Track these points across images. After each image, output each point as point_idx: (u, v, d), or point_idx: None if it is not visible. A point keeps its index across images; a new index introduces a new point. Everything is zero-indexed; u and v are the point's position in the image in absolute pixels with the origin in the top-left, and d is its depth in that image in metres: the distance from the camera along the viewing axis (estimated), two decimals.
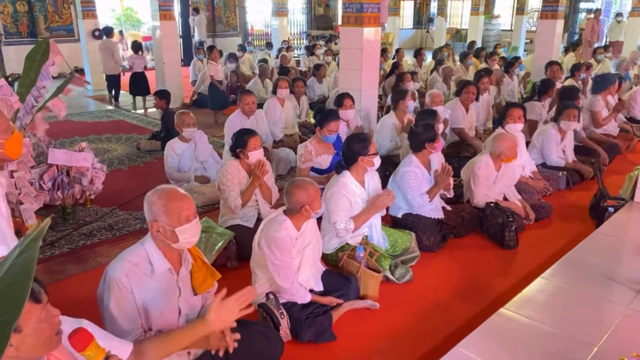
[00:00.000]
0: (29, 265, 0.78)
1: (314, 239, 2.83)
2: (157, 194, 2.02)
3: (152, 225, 1.98)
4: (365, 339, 2.66)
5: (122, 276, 1.93)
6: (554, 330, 2.41)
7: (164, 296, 2.04)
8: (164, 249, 2.03)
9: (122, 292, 1.92)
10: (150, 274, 1.99)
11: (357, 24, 5.37)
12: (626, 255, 3.25)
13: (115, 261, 2.00)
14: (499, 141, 3.86)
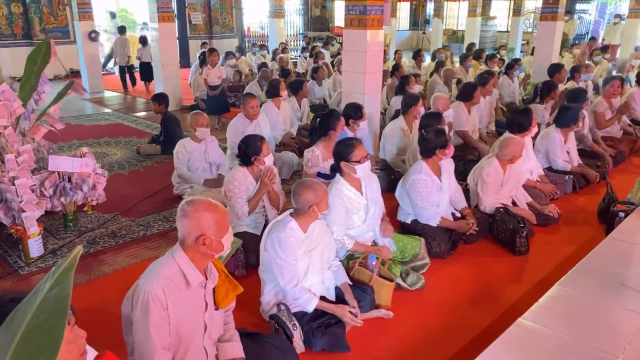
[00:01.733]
0: (63, 302, 0.72)
1: (323, 243, 2.77)
2: (203, 206, 1.96)
3: (198, 238, 1.92)
4: (380, 350, 2.60)
5: (159, 291, 1.85)
6: (575, 341, 2.36)
7: (193, 311, 1.98)
8: (197, 262, 1.97)
9: (159, 309, 1.84)
10: (184, 288, 1.93)
11: (361, 27, 5.30)
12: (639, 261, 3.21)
13: (147, 276, 1.92)
14: (511, 144, 3.83)
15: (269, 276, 2.75)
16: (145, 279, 1.91)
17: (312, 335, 2.54)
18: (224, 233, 2.00)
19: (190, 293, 1.97)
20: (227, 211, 2.07)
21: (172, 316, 1.89)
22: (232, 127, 5.06)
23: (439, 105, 5.01)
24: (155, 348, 1.85)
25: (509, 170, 3.91)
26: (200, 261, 2.00)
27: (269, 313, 2.67)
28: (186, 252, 1.97)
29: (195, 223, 1.94)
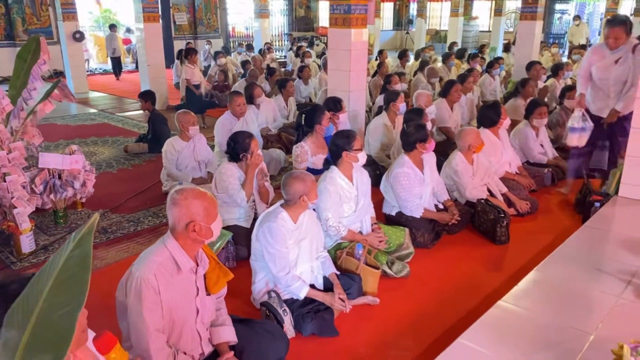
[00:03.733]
0: (86, 260, 0.81)
1: (312, 233, 2.87)
2: (192, 194, 2.05)
3: (188, 225, 2.00)
4: (367, 334, 2.71)
5: (151, 276, 1.93)
6: (552, 321, 2.49)
7: (184, 296, 2.06)
8: (187, 248, 2.05)
9: (152, 294, 1.92)
10: (175, 274, 2.01)
11: (345, 26, 5.42)
12: (614, 247, 3.36)
13: (139, 262, 2.00)
14: (465, 135, 4.03)
15: (261, 265, 2.85)
16: (137, 266, 1.99)
17: (302, 321, 2.64)
18: (213, 219, 2.09)
19: (181, 278, 2.05)
20: (215, 199, 2.16)
21: (164, 300, 1.97)
22: (219, 125, 5.14)
23: (421, 102, 5.16)
24: (150, 331, 1.93)
25: (476, 161, 4.09)
26: (191, 247, 2.09)
27: (260, 300, 2.76)
28: (177, 239, 2.05)
29: (185, 210, 2.03)
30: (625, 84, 4.16)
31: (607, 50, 4.17)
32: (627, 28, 4.06)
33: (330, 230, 3.19)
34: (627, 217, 3.81)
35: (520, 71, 8.16)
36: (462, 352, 2.27)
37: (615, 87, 4.24)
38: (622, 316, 2.50)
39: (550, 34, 17.71)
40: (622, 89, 4.21)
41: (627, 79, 4.12)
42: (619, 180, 4.08)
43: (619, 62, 4.13)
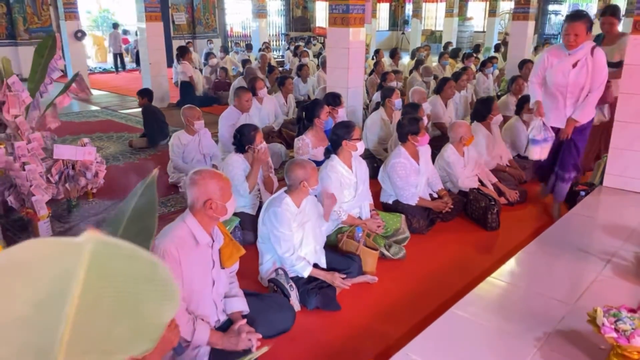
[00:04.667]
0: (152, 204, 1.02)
1: (314, 217, 3.09)
2: (209, 175, 2.29)
3: (205, 202, 2.23)
4: (367, 308, 2.92)
5: (172, 248, 2.15)
6: (536, 294, 2.72)
7: (202, 268, 2.27)
8: (204, 224, 2.27)
9: (173, 264, 2.14)
10: (194, 247, 2.23)
11: (344, 25, 5.64)
12: (596, 231, 3.60)
13: (161, 236, 2.21)
14: (456, 127, 4.25)
15: (267, 247, 3.06)
16: (160, 240, 2.21)
17: (307, 296, 2.86)
18: (228, 199, 2.32)
19: (199, 252, 2.27)
20: (229, 180, 2.38)
21: (184, 271, 2.19)
22: (223, 119, 5.34)
23: (415, 98, 5.40)
24: None
25: (466, 153, 4.31)
26: (208, 224, 2.30)
27: (268, 278, 2.97)
28: (195, 216, 2.27)
29: (203, 189, 2.25)
30: (582, 91, 3.71)
31: (564, 51, 3.71)
32: (588, 24, 3.64)
33: (332, 214, 3.41)
34: (610, 205, 4.05)
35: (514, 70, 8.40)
36: (454, 320, 2.49)
37: (571, 95, 3.76)
38: (601, 290, 2.73)
39: (543, 34, 17.99)
40: (578, 96, 3.74)
41: (585, 85, 3.68)
42: (603, 171, 4.32)
43: (577, 66, 3.66)
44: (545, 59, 3.86)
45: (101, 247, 0.48)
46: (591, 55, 3.63)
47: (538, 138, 3.82)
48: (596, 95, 3.71)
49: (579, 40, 3.59)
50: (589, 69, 3.63)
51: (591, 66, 3.62)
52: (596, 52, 3.63)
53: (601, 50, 3.68)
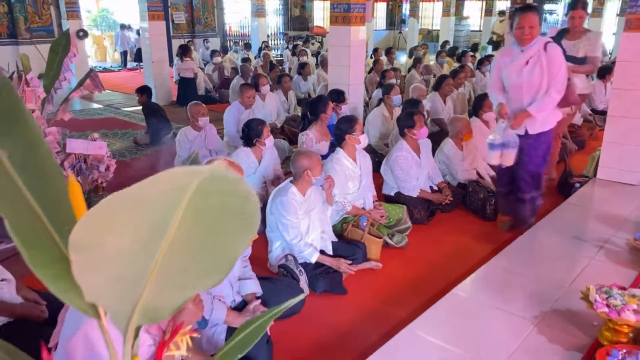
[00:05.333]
0: None
1: (319, 204, 3.25)
2: None
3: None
4: (372, 292, 3.07)
5: None
6: (534, 276, 2.88)
7: None
8: None
9: None
10: None
11: (345, 23, 5.78)
12: (590, 220, 3.76)
13: None
14: (455, 121, 4.42)
15: (276, 235, 3.21)
16: None
17: (315, 280, 3.00)
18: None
19: None
20: None
21: None
22: (228, 115, 5.48)
23: (415, 94, 5.56)
24: None
25: (465, 147, 4.46)
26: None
27: (278, 264, 3.12)
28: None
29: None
30: (539, 92, 3.39)
31: (517, 48, 3.41)
32: (540, 17, 3.44)
33: (337, 205, 3.55)
34: (604, 196, 4.22)
35: None
36: (456, 300, 2.65)
37: (529, 96, 3.42)
38: (594, 272, 2.89)
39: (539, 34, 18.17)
40: (535, 96, 3.41)
41: (542, 84, 3.36)
42: (597, 163, 4.48)
43: (530, 63, 3.35)
44: (498, 60, 3.63)
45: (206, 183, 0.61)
46: (544, 51, 3.31)
47: (497, 142, 3.49)
48: (556, 94, 3.34)
49: (534, 32, 3.30)
50: (544, 66, 3.30)
51: (546, 63, 3.29)
52: (550, 47, 3.32)
53: (556, 46, 3.39)
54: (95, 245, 0.70)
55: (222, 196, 0.63)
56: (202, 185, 0.61)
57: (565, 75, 3.38)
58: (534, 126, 3.50)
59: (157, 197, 0.65)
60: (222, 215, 0.66)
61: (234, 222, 0.67)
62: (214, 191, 0.62)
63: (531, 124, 3.49)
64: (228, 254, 0.74)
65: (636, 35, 4.03)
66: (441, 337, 2.32)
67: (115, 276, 0.76)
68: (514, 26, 3.38)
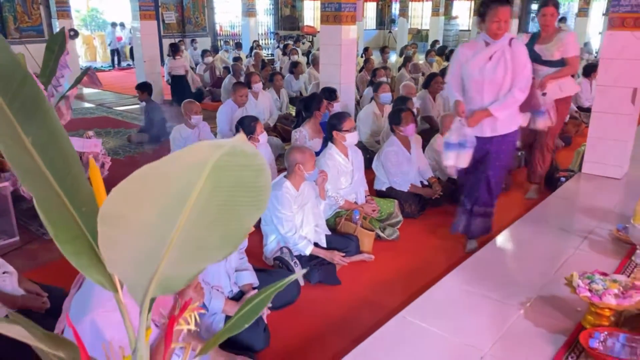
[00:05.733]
0: None
1: (312, 199, 3.33)
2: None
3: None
4: (365, 283, 3.16)
5: None
6: (520, 265, 3.00)
7: None
8: None
9: None
10: None
11: (336, 22, 5.87)
12: (575, 213, 3.88)
13: None
14: (446, 119, 4.51)
15: (271, 229, 3.28)
16: None
17: (310, 271, 3.08)
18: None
19: None
20: None
21: None
22: (221, 113, 5.55)
23: (404, 92, 5.67)
24: None
25: None
26: None
27: (273, 257, 3.20)
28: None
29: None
30: (501, 91, 3.14)
31: (481, 42, 3.18)
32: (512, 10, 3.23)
33: (330, 200, 3.64)
34: (588, 189, 4.34)
35: None
36: (445, 288, 2.75)
37: (490, 93, 3.15)
38: (578, 262, 3.00)
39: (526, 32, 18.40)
40: (497, 94, 3.15)
41: (505, 80, 3.11)
42: (582, 159, 4.61)
43: (493, 58, 3.11)
44: (459, 54, 3.32)
45: (225, 158, 0.69)
46: (509, 47, 3.10)
47: (453, 141, 3.22)
48: (519, 93, 3.12)
49: (506, 27, 3.08)
50: (508, 63, 3.07)
51: (510, 59, 3.08)
52: (514, 43, 3.12)
53: (521, 43, 3.19)
54: (121, 217, 0.78)
55: (238, 170, 0.71)
56: (221, 160, 0.68)
57: (530, 74, 3.18)
58: (495, 127, 3.22)
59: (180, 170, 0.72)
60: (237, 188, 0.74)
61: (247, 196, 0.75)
62: (231, 165, 0.70)
63: (492, 125, 3.22)
64: (240, 226, 0.82)
65: (618, 34, 4.16)
66: (431, 323, 2.42)
67: (136, 248, 0.84)
68: (488, 19, 3.06)
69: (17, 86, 0.97)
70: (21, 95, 0.97)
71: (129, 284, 0.93)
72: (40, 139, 0.98)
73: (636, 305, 2.23)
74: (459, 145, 3.21)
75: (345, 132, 3.73)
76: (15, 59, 0.98)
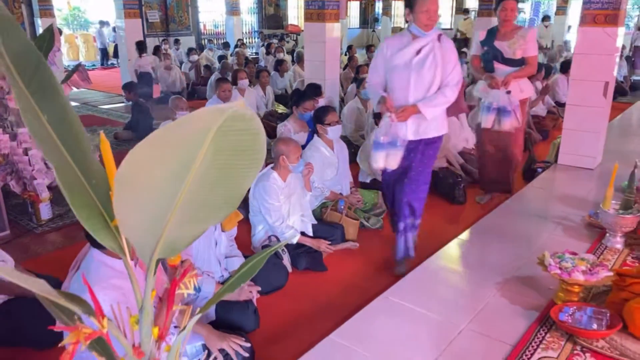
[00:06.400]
0: None
1: (299, 190, 3.45)
2: None
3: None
4: (350, 269, 3.28)
5: None
6: (499, 250, 3.15)
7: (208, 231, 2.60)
8: None
9: None
10: None
11: (320, 20, 6.00)
12: (550, 201, 4.05)
13: None
14: None
15: (259, 219, 3.39)
16: None
17: (297, 258, 3.20)
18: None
19: None
20: None
21: None
22: None
23: None
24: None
25: None
26: None
27: (262, 245, 3.31)
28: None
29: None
30: (430, 87, 2.86)
31: (407, 37, 2.88)
32: None
33: (316, 191, 3.75)
34: (563, 179, 4.53)
35: None
36: (427, 271, 2.89)
37: (416, 91, 2.86)
38: (552, 245, 3.16)
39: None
40: (424, 94, 2.86)
41: (434, 79, 2.84)
42: (558, 150, 4.80)
43: (421, 53, 2.82)
44: (384, 48, 2.98)
45: (227, 123, 0.80)
46: (438, 42, 2.85)
47: (383, 141, 2.89)
48: (450, 93, 2.86)
49: (436, 18, 2.83)
50: (437, 60, 2.81)
51: (440, 56, 2.82)
52: (443, 39, 2.89)
53: (449, 40, 2.97)
54: (134, 180, 0.88)
55: (238, 134, 0.82)
56: (224, 124, 0.79)
57: (460, 74, 2.92)
58: (418, 130, 2.94)
59: (187, 135, 0.83)
60: (236, 151, 0.85)
61: (245, 158, 0.86)
62: (232, 129, 0.81)
63: (415, 128, 2.92)
64: (238, 188, 0.93)
65: (590, 30, 4.35)
66: (412, 302, 2.56)
67: (145, 210, 0.95)
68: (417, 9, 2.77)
69: (34, 69, 1.07)
70: (37, 77, 1.07)
71: (137, 245, 1.04)
72: (53, 116, 1.08)
73: (602, 281, 2.39)
74: (389, 145, 2.90)
75: (327, 126, 3.84)
76: (30, 45, 1.08)
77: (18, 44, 1.05)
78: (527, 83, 4.05)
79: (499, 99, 3.72)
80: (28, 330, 2.41)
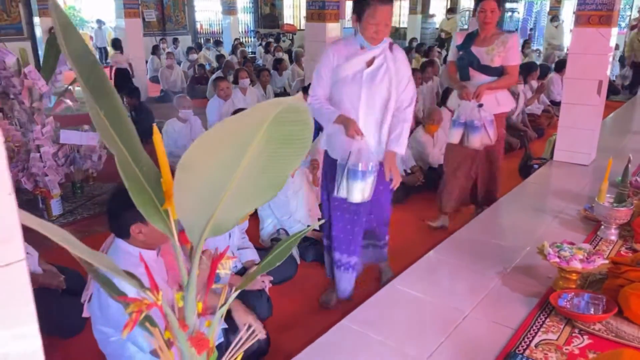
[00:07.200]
0: None
1: (305, 185, 3.57)
2: None
3: None
4: None
5: None
6: (499, 241, 3.28)
7: None
8: None
9: None
10: None
11: (320, 20, 6.11)
12: (547, 196, 4.19)
13: None
14: (432, 112, 4.80)
15: (267, 213, 3.52)
16: None
17: (305, 251, 3.32)
18: None
19: None
20: None
21: None
22: (210, 108, 5.74)
23: None
24: None
25: (436, 136, 4.86)
26: None
27: (271, 238, 3.43)
28: None
29: None
30: (386, 106, 2.52)
31: (354, 45, 2.50)
32: None
33: None
34: (559, 175, 4.67)
35: None
36: (432, 261, 3.02)
37: (367, 108, 2.50)
38: (549, 237, 3.27)
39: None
40: (381, 115, 2.53)
41: (390, 97, 2.50)
42: (553, 147, 4.94)
43: (373, 64, 2.48)
44: (330, 54, 2.54)
45: (283, 113, 0.91)
46: (390, 52, 2.51)
47: (361, 169, 2.46)
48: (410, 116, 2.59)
49: (386, 31, 2.46)
50: (391, 73, 2.48)
51: (393, 68, 2.49)
52: (395, 49, 2.56)
53: (401, 50, 2.62)
54: (195, 165, 1.00)
55: (291, 125, 0.93)
56: (278, 115, 0.90)
57: (414, 88, 2.63)
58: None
59: (246, 126, 0.94)
60: (286, 141, 0.96)
61: (292, 147, 0.97)
62: (286, 120, 0.92)
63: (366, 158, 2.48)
64: (282, 173, 1.04)
65: (584, 30, 4.49)
66: (418, 290, 2.68)
67: (200, 193, 1.07)
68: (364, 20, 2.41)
69: (90, 69, 1.18)
70: (93, 76, 1.18)
71: (187, 226, 1.15)
72: (108, 112, 1.19)
73: (599, 268, 2.53)
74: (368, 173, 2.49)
75: None
76: (86, 46, 1.19)
77: (78, 48, 1.16)
78: (507, 95, 3.62)
79: (467, 112, 3.41)
80: (53, 319, 2.51)
